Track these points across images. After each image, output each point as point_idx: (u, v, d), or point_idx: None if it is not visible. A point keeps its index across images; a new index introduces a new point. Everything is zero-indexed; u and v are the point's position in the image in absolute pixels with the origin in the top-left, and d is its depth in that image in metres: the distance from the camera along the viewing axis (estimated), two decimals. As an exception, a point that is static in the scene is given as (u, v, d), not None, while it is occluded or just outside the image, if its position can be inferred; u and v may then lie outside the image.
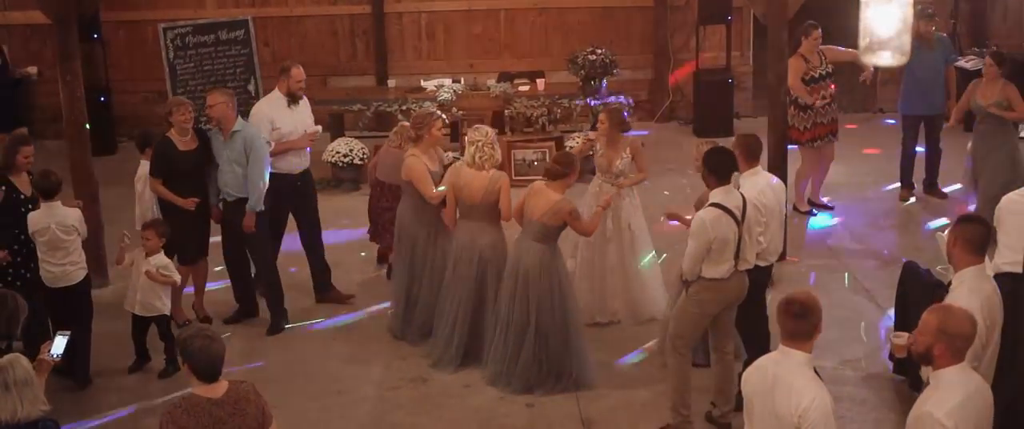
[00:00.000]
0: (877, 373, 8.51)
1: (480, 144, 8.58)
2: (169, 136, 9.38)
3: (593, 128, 11.21)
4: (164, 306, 8.79)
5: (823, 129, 11.88)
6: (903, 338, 5.63)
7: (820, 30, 11.82)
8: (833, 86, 11.93)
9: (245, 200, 9.24)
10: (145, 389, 8.61)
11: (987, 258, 6.26)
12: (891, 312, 8.85)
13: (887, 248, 11.10)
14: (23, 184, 8.57)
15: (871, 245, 11.25)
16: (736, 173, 7.75)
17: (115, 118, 15.55)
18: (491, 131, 8.77)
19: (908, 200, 12.48)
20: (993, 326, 6.08)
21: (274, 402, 5.73)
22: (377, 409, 8.24)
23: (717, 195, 7.42)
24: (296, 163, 9.81)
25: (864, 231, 11.69)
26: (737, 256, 7.42)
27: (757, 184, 7.88)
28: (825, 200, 12.44)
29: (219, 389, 5.33)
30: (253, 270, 9.74)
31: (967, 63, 14.65)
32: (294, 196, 9.86)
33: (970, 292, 5.97)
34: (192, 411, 5.24)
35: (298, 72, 9.73)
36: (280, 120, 9.65)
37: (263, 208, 9.32)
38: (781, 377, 5.27)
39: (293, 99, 9.75)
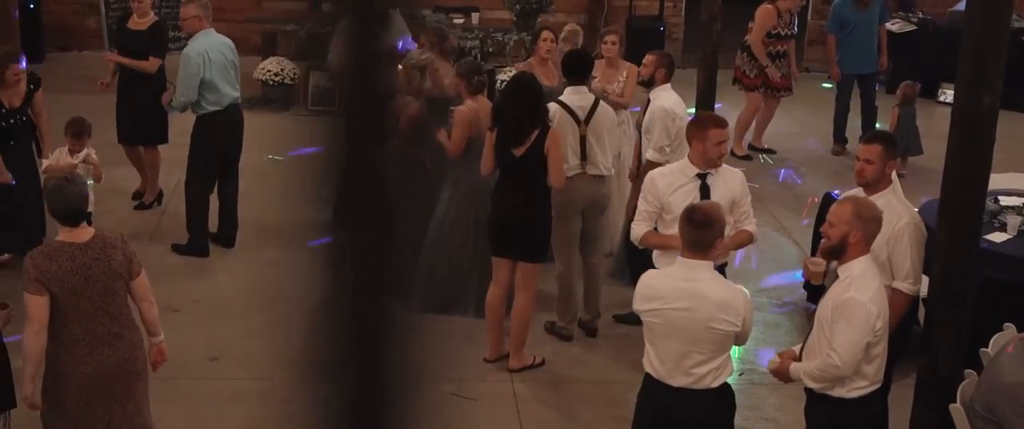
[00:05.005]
0: (791, 301, 8.74)
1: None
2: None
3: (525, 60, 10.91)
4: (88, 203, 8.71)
5: (780, 82, 12.24)
6: (820, 266, 5.69)
7: None
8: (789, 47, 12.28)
9: (212, 113, 9.05)
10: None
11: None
12: (808, 251, 9.03)
13: (812, 194, 11.24)
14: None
15: (796, 190, 11.47)
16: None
17: (44, 28, 15.28)
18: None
19: (841, 155, 12.63)
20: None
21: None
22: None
23: (566, 94, 7.70)
24: None
25: (791, 178, 11.89)
26: (584, 157, 7.60)
27: (670, 98, 8.15)
28: (765, 145, 12.65)
29: (84, 235, 5.34)
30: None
31: (893, 26, 14.91)
32: None
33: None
34: (54, 256, 5.25)
35: None
36: None
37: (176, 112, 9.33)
38: (702, 293, 5.17)
39: None
